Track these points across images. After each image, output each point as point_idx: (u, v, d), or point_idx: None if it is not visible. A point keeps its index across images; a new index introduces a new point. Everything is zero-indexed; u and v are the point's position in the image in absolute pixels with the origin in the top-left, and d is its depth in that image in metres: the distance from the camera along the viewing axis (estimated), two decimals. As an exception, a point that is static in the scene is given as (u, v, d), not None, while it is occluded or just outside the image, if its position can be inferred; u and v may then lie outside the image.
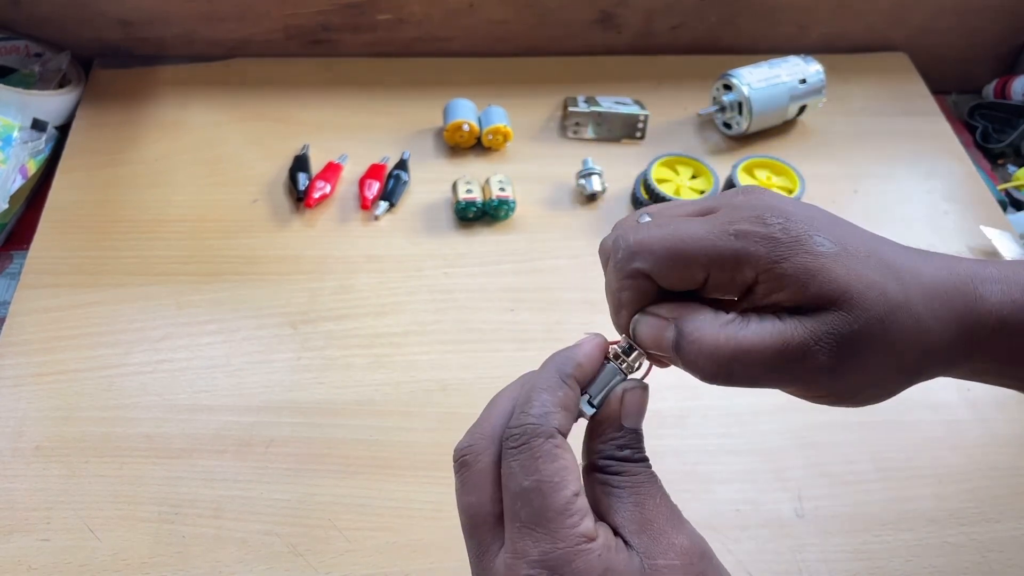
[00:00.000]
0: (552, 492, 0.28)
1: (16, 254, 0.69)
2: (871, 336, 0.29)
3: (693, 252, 0.30)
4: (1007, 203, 0.77)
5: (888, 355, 0.30)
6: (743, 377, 0.30)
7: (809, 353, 0.29)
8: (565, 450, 0.29)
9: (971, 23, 0.87)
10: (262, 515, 0.52)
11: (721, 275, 0.30)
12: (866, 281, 0.29)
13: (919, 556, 0.52)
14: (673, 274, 0.30)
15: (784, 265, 0.29)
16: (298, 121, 0.78)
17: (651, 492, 0.30)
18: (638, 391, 0.32)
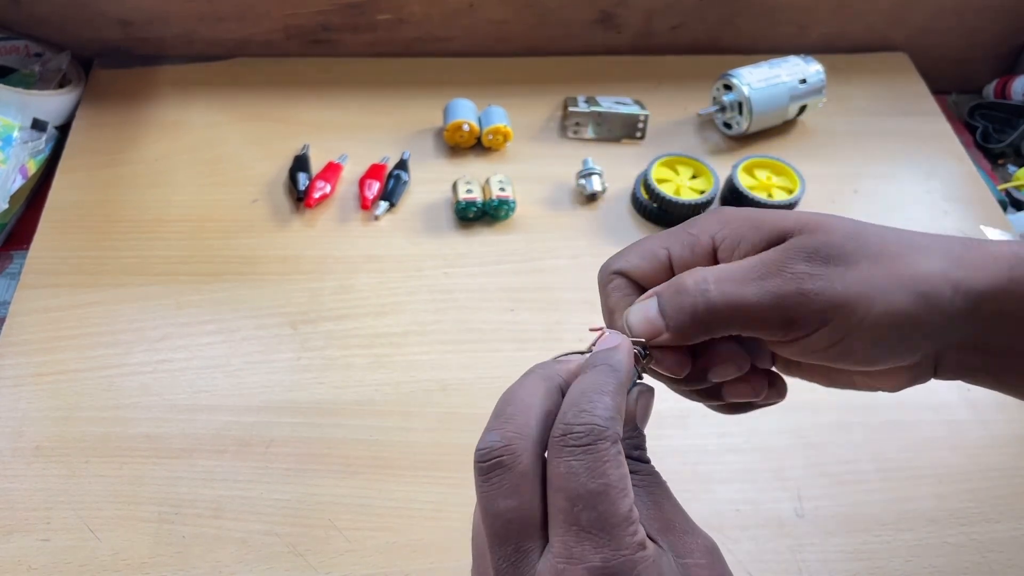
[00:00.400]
0: (619, 498, 0.27)
1: (16, 254, 0.69)
2: (845, 250, 0.30)
3: (655, 240, 0.34)
4: (1007, 203, 0.77)
5: (876, 267, 0.30)
6: (727, 313, 0.30)
7: (786, 264, 0.30)
8: (623, 457, 0.28)
9: (971, 23, 0.87)
10: (262, 515, 0.52)
11: (682, 250, 0.33)
12: (823, 219, 0.31)
13: (919, 556, 0.52)
14: (643, 263, 0.33)
15: (735, 222, 0.32)
16: (298, 121, 0.78)
17: (665, 494, 0.30)
18: (647, 394, 0.33)
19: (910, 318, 0.30)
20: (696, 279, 0.31)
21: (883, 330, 0.30)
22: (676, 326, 0.31)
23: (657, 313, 0.32)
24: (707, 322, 0.31)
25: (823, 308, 0.29)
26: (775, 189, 0.72)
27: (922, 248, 0.31)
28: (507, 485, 0.27)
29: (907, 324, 0.30)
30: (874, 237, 0.31)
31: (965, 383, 0.34)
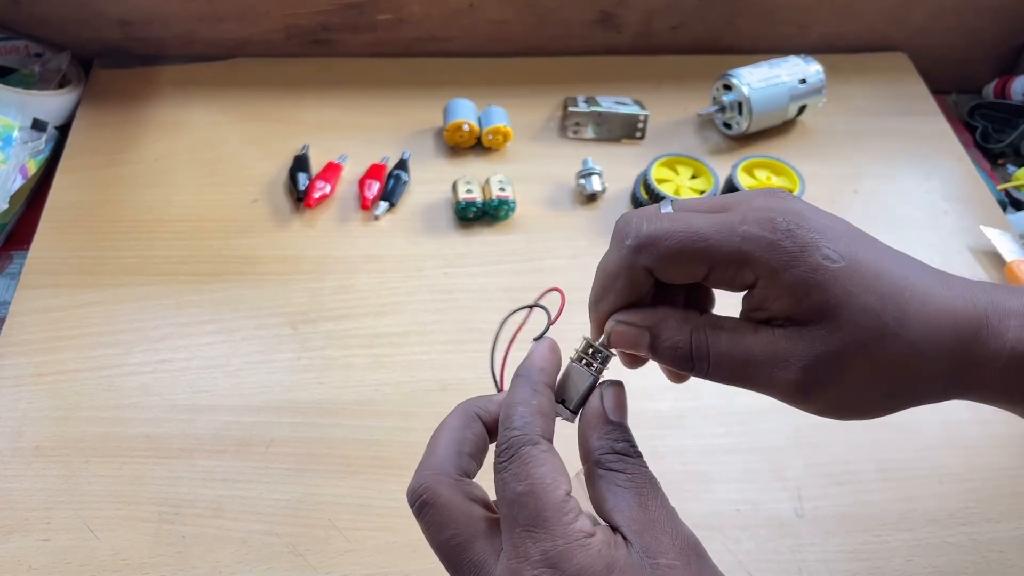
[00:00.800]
0: (546, 493, 0.28)
1: (16, 254, 0.69)
2: (850, 359, 0.30)
3: (698, 251, 0.30)
4: (1007, 203, 0.77)
5: (871, 378, 0.30)
6: (711, 377, 0.32)
7: (781, 363, 0.30)
8: (552, 454, 0.30)
9: (971, 23, 0.87)
10: (262, 515, 0.52)
11: (722, 275, 0.31)
12: (860, 304, 0.29)
13: (919, 556, 0.52)
14: (674, 271, 0.31)
15: (783, 275, 0.29)
16: (298, 121, 0.78)
17: (652, 492, 0.30)
18: (613, 388, 0.33)
19: (885, 407, 0.32)
20: (699, 355, 0.31)
21: (858, 414, 0.32)
22: (662, 361, 0.33)
23: (646, 349, 0.32)
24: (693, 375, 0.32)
25: (808, 402, 0.31)
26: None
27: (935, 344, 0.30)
28: (437, 519, 0.30)
29: (881, 410, 0.32)
30: (888, 344, 0.30)
31: None
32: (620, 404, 0.33)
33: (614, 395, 0.33)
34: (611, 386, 0.33)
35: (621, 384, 0.33)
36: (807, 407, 0.32)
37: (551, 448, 0.30)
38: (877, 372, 0.30)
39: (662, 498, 0.30)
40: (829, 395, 0.31)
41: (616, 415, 0.32)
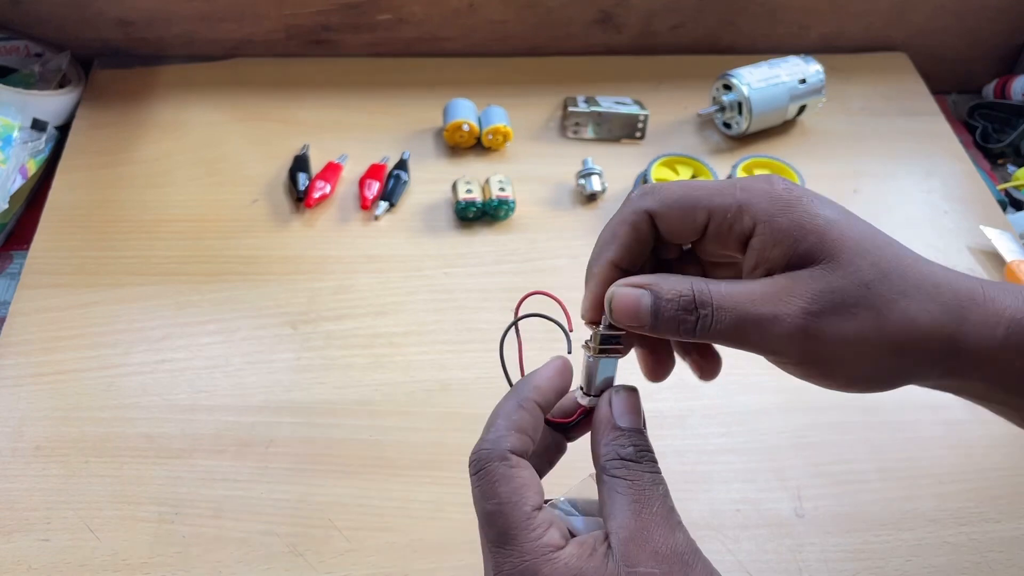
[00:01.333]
0: (511, 511, 0.29)
1: (16, 254, 0.69)
2: (853, 297, 0.29)
3: (699, 196, 0.31)
4: (1007, 203, 0.77)
5: (874, 324, 0.29)
6: (723, 335, 0.30)
7: (782, 302, 0.29)
8: (521, 468, 0.30)
9: (971, 23, 0.87)
10: (262, 515, 0.52)
11: (721, 222, 0.31)
12: (858, 247, 0.30)
13: (919, 556, 0.52)
14: (676, 215, 0.32)
15: (781, 219, 0.30)
16: (298, 121, 0.78)
17: (651, 498, 0.30)
18: (624, 392, 0.33)
19: (890, 372, 0.31)
20: (701, 299, 0.30)
21: (861, 377, 0.31)
22: (664, 332, 0.31)
23: (648, 311, 0.31)
24: (700, 339, 0.31)
25: (808, 352, 0.30)
26: (775, 189, 0.72)
27: (935, 301, 0.30)
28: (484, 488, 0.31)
29: (885, 376, 0.31)
30: (888, 287, 0.30)
31: None
32: (630, 409, 0.32)
33: (624, 400, 0.32)
34: (622, 391, 0.33)
35: (633, 389, 0.33)
36: (809, 363, 0.30)
37: (520, 463, 0.30)
38: (879, 317, 0.29)
39: (660, 505, 0.30)
40: (833, 344, 0.29)
41: (625, 420, 0.32)
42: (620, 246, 0.33)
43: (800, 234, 0.30)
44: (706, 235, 0.32)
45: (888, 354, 0.30)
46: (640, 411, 0.33)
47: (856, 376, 0.31)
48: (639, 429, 0.32)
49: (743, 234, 0.31)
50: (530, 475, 0.30)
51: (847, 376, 0.31)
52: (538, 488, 0.30)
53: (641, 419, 0.32)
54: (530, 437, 0.32)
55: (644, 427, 0.33)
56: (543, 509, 0.30)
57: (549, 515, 0.30)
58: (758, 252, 0.31)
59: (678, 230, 0.32)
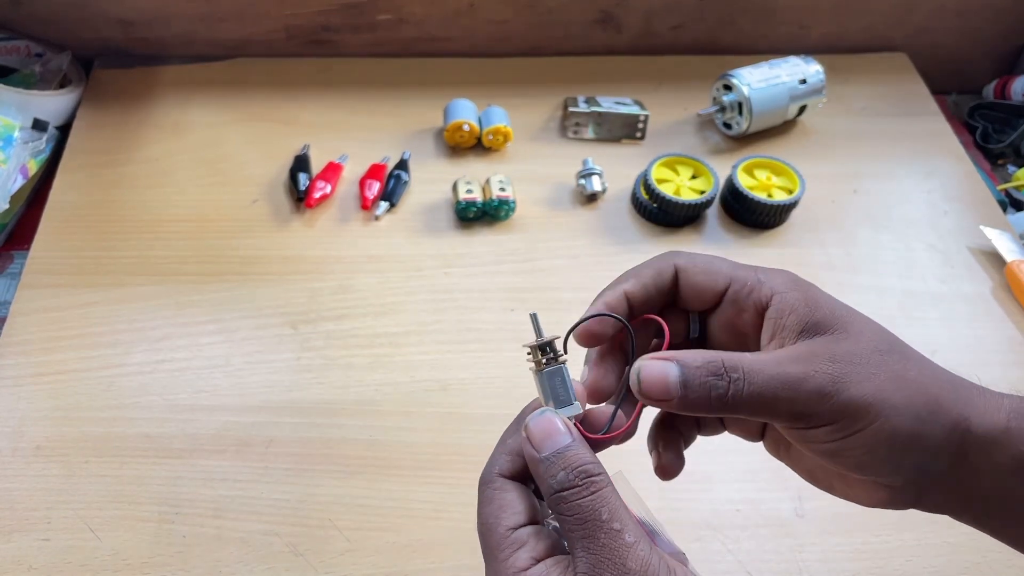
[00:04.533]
0: (488, 532, 0.31)
1: (17, 254, 0.69)
2: (870, 361, 0.31)
3: (722, 264, 0.35)
4: (1007, 203, 0.77)
5: (891, 384, 0.31)
6: (749, 404, 0.31)
7: (807, 363, 0.31)
8: (503, 491, 0.32)
9: (971, 23, 0.87)
10: (262, 515, 0.52)
11: (741, 289, 0.34)
12: (864, 322, 0.33)
13: (919, 556, 0.52)
14: (701, 272, 0.34)
15: (796, 292, 0.33)
16: (298, 121, 0.78)
17: (595, 530, 0.29)
18: (532, 420, 0.32)
19: (907, 438, 0.31)
20: (730, 366, 0.31)
21: (879, 442, 0.31)
22: (692, 402, 0.31)
23: (677, 382, 0.31)
24: (726, 407, 0.31)
25: (833, 409, 0.30)
26: (775, 189, 0.72)
27: (941, 379, 0.32)
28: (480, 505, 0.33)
29: (901, 443, 0.31)
30: (898, 357, 0.32)
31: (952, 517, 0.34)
32: (544, 435, 0.31)
33: (535, 429, 0.31)
34: (530, 421, 0.32)
35: (545, 412, 0.32)
36: (836, 426, 0.31)
37: (505, 484, 0.32)
38: (897, 379, 0.31)
39: (606, 534, 0.29)
40: (857, 404, 0.30)
41: (545, 447, 0.31)
42: (638, 282, 0.34)
43: (814, 305, 0.32)
44: (723, 302, 0.34)
45: (907, 418, 0.31)
46: (555, 429, 0.31)
47: (879, 446, 0.31)
48: (560, 449, 0.31)
49: (760, 303, 0.33)
50: (513, 496, 0.31)
51: (869, 445, 0.31)
52: (518, 508, 0.31)
53: (561, 435, 0.31)
54: (520, 457, 0.32)
55: (571, 430, 0.31)
56: (520, 529, 0.30)
57: (523, 536, 0.30)
58: (774, 321, 0.33)
59: (699, 288, 0.34)
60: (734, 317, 0.34)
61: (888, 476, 0.32)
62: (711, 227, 0.72)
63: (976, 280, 0.69)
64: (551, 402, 0.33)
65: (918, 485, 0.32)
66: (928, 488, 0.32)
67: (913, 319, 0.66)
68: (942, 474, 0.32)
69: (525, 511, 0.31)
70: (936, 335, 0.65)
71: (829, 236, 0.71)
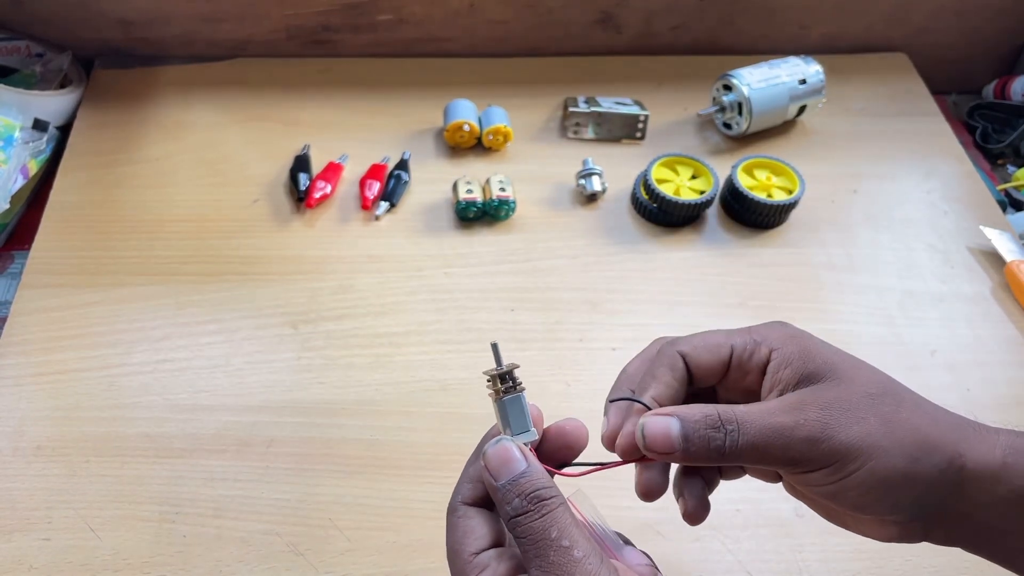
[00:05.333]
0: (454, 557, 0.33)
1: (17, 254, 0.69)
2: (860, 406, 0.33)
3: (719, 337, 0.37)
4: (1007, 203, 0.77)
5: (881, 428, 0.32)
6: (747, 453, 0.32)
7: (798, 410, 0.32)
8: (466, 518, 0.33)
9: (971, 23, 0.87)
10: (263, 515, 0.52)
11: (742, 353, 0.36)
12: (857, 367, 0.34)
13: (919, 556, 0.52)
14: (704, 352, 0.36)
15: (791, 346, 0.35)
16: (299, 121, 0.78)
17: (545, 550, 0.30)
18: (490, 449, 0.33)
19: (901, 477, 0.32)
20: (725, 418, 0.33)
21: (874, 482, 0.32)
22: (695, 454, 0.33)
23: (679, 436, 0.33)
24: (726, 457, 0.33)
25: (824, 454, 0.32)
26: (775, 189, 0.72)
27: (934, 419, 0.34)
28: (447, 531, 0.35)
29: (895, 482, 0.32)
30: (890, 399, 0.33)
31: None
32: (500, 462, 0.32)
33: (492, 457, 0.33)
34: (488, 449, 0.33)
35: (501, 440, 0.33)
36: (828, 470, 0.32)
37: (467, 512, 0.33)
38: (887, 423, 0.32)
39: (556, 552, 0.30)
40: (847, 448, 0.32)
41: (501, 475, 0.32)
42: (661, 383, 0.36)
43: (808, 356, 0.34)
44: (729, 369, 0.36)
45: (899, 458, 0.32)
46: (511, 456, 0.32)
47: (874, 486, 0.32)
48: (514, 477, 0.32)
49: (761, 362, 0.35)
50: (476, 523, 0.33)
51: (865, 486, 0.32)
52: (479, 534, 0.33)
53: (516, 462, 0.32)
54: (480, 484, 0.34)
55: (527, 456, 0.32)
56: (482, 554, 0.32)
57: (484, 560, 0.32)
58: (772, 375, 0.35)
59: (707, 365, 0.36)
60: (740, 380, 0.36)
61: (889, 514, 0.33)
62: (711, 227, 0.72)
63: (976, 280, 0.69)
64: (508, 429, 0.34)
65: (921, 520, 0.33)
66: (932, 523, 0.34)
67: (913, 319, 0.66)
68: (942, 509, 0.33)
69: (487, 535, 0.33)
70: (936, 335, 0.65)
71: (829, 236, 0.71)
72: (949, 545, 0.35)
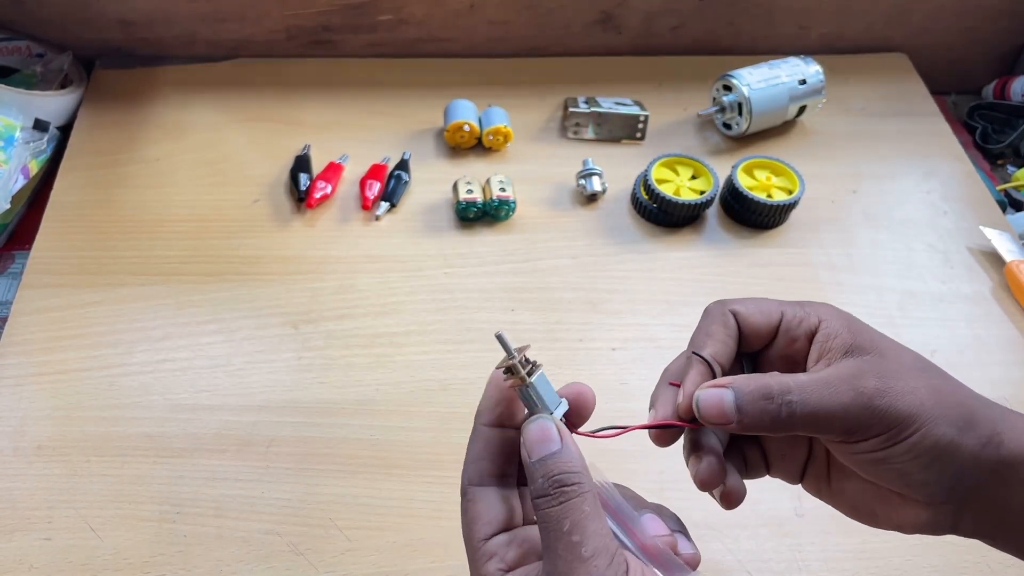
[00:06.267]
0: (467, 543, 0.33)
1: (18, 254, 0.69)
2: (911, 376, 0.33)
3: (771, 302, 0.37)
4: (1006, 204, 0.77)
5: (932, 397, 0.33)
6: (802, 421, 0.33)
7: (856, 379, 0.33)
8: (474, 501, 0.33)
9: (970, 23, 0.87)
10: (263, 514, 0.52)
11: (792, 319, 0.36)
12: (900, 346, 0.35)
13: (918, 556, 0.52)
14: (756, 312, 0.37)
15: (841, 319, 0.36)
16: (299, 121, 0.78)
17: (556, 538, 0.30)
18: (528, 425, 0.33)
19: (947, 446, 0.33)
20: (781, 388, 0.33)
21: (922, 449, 0.33)
22: (749, 425, 0.33)
23: (732, 406, 0.33)
24: (782, 426, 0.33)
25: (883, 421, 0.33)
26: (774, 189, 0.72)
27: (975, 396, 0.34)
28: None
29: (941, 450, 0.33)
30: (935, 373, 0.35)
31: None
32: (536, 439, 0.32)
33: (529, 434, 0.33)
34: (528, 424, 0.33)
35: (540, 418, 0.33)
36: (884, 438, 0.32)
37: (476, 494, 0.33)
38: (937, 393, 0.33)
39: (564, 544, 0.30)
40: (905, 415, 0.32)
41: (534, 453, 0.32)
42: (717, 342, 0.36)
43: (855, 330, 0.35)
44: (777, 334, 0.37)
45: (947, 427, 0.32)
46: (547, 436, 0.32)
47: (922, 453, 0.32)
48: (545, 456, 0.32)
49: (809, 330, 0.36)
50: (483, 506, 0.33)
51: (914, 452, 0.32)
52: (488, 518, 0.33)
53: (551, 442, 0.32)
54: (487, 460, 0.34)
55: (563, 437, 0.32)
56: (491, 540, 0.32)
57: (493, 547, 0.32)
58: (821, 344, 0.35)
59: (757, 326, 0.37)
60: (787, 347, 0.37)
61: (929, 486, 0.33)
62: (711, 227, 0.72)
63: (976, 280, 0.69)
64: (545, 409, 0.33)
65: (954, 504, 0.34)
66: (964, 507, 0.34)
67: (913, 319, 0.66)
68: (976, 492, 0.33)
69: (496, 519, 0.33)
70: (936, 335, 0.65)
71: (829, 236, 0.71)
72: (975, 536, 0.35)
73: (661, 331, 0.64)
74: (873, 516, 0.37)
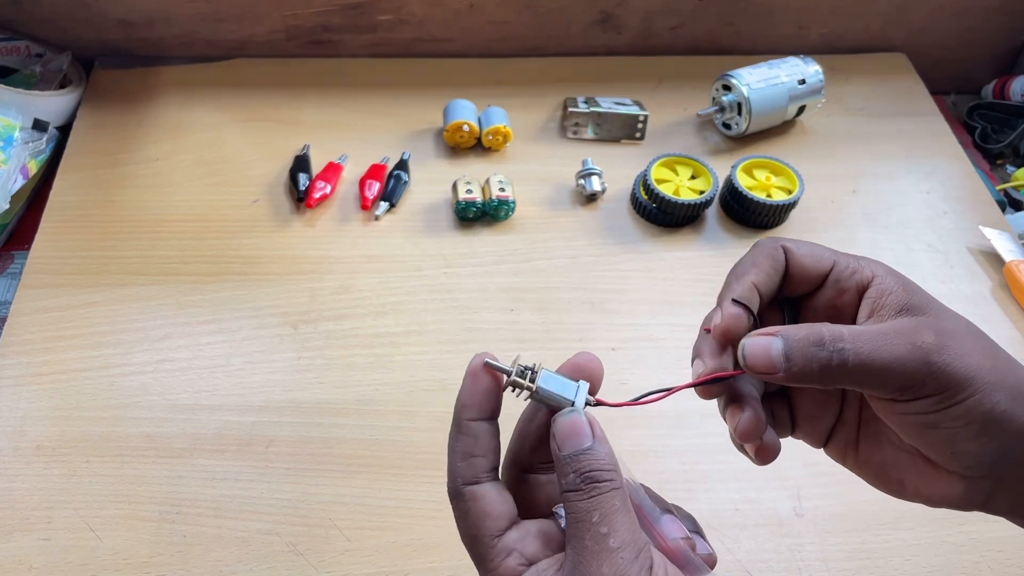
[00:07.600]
0: (474, 544, 0.32)
1: (17, 254, 0.69)
2: (967, 340, 0.32)
3: (824, 248, 0.36)
4: (1006, 203, 0.77)
5: (987, 361, 0.32)
6: (855, 372, 0.31)
7: (913, 333, 0.31)
8: (476, 500, 0.32)
9: (970, 23, 0.87)
10: (263, 514, 0.52)
11: (844, 269, 0.35)
12: (955, 312, 0.34)
13: (918, 556, 0.52)
14: (807, 253, 0.35)
15: (895, 276, 0.34)
16: (298, 121, 0.78)
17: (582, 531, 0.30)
18: (559, 419, 0.33)
19: (1000, 415, 0.31)
20: (833, 336, 0.31)
21: (975, 416, 0.31)
22: (798, 373, 0.32)
23: (780, 354, 0.32)
24: (832, 377, 0.32)
25: (939, 379, 0.31)
26: (774, 189, 0.72)
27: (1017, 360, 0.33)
28: None
29: (994, 419, 0.31)
30: (988, 341, 0.33)
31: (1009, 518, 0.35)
32: (567, 433, 0.32)
33: (560, 428, 0.32)
34: (559, 418, 0.33)
35: (572, 412, 0.33)
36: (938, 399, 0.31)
37: (474, 493, 0.32)
38: (992, 356, 0.32)
39: (591, 536, 0.29)
40: (960, 377, 0.31)
41: (566, 447, 0.31)
42: (761, 271, 0.35)
43: (911, 287, 0.34)
44: (826, 283, 0.35)
45: (1002, 395, 0.31)
46: (578, 431, 0.32)
47: (974, 420, 0.31)
48: (574, 453, 0.31)
49: (863, 283, 0.34)
50: (488, 503, 0.32)
51: (967, 418, 0.31)
52: (497, 513, 0.32)
53: (583, 437, 0.32)
54: (480, 455, 0.33)
55: (595, 431, 0.32)
56: (505, 535, 0.31)
57: (509, 542, 0.31)
58: (873, 300, 0.34)
59: (806, 269, 0.35)
60: (835, 297, 0.35)
61: (974, 456, 0.32)
62: (710, 227, 0.72)
63: (975, 280, 0.69)
64: (564, 402, 0.33)
65: (992, 479, 0.32)
66: (1002, 482, 0.33)
67: (912, 319, 0.66)
68: (1018, 469, 0.32)
69: (504, 513, 0.32)
70: (935, 335, 0.65)
71: (828, 236, 0.71)
72: (1007, 514, 0.34)
73: (661, 331, 0.64)
74: (900, 486, 0.35)
